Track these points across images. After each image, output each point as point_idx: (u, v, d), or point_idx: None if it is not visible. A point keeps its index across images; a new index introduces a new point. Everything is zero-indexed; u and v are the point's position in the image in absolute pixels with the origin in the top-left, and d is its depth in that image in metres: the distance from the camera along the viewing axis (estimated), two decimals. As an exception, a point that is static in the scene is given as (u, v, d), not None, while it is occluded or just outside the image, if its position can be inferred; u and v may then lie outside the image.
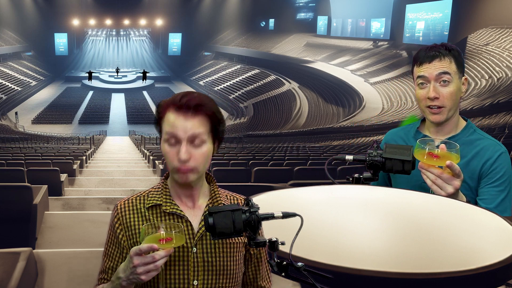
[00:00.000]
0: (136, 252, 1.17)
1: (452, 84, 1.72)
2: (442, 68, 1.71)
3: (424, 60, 1.74)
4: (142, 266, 1.16)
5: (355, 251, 1.22)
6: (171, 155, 1.28)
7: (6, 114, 31.00)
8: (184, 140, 1.26)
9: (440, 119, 1.75)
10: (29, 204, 4.69)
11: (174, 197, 1.36)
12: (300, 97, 31.39)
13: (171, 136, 1.26)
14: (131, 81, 46.68)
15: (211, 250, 1.33)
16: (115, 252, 1.35)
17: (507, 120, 13.57)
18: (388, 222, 1.42)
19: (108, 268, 1.36)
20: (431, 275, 1.07)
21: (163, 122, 1.29)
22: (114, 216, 1.36)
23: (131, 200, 1.37)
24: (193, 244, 1.32)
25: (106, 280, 1.36)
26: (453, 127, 1.81)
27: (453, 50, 1.74)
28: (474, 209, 1.48)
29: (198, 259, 1.32)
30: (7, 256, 3.13)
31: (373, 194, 1.61)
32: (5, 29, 40.66)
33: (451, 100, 1.72)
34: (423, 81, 1.75)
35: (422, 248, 1.21)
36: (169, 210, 1.33)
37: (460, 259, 1.14)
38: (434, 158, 1.54)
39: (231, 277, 1.35)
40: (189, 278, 1.31)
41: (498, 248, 1.18)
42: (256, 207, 1.17)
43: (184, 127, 1.26)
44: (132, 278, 1.19)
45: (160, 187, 1.38)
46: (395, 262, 1.17)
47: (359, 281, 1.07)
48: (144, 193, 1.38)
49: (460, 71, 1.74)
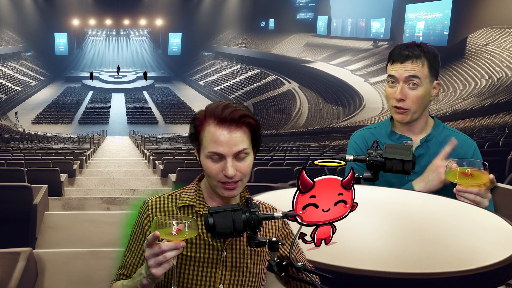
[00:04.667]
0: (146, 244, 1.15)
1: (420, 88, 1.72)
2: (412, 71, 1.71)
3: (397, 59, 1.75)
4: (152, 257, 1.14)
5: (355, 251, 1.22)
6: (215, 171, 1.25)
7: (6, 114, 30.97)
8: (229, 156, 1.23)
9: (403, 120, 1.77)
10: (29, 204, 4.69)
11: (207, 200, 1.34)
12: (300, 97, 31.37)
13: (215, 153, 1.24)
14: (131, 81, 46.64)
15: (241, 256, 1.31)
16: (140, 249, 1.33)
17: (507, 120, 13.56)
18: (388, 222, 1.42)
19: (130, 264, 1.34)
20: (431, 275, 1.07)
21: (202, 137, 1.26)
22: (143, 212, 1.34)
23: (162, 198, 1.35)
24: (223, 248, 1.30)
25: (125, 276, 1.35)
26: (423, 126, 1.83)
27: (428, 53, 1.73)
28: (474, 209, 1.49)
29: (227, 263, 1.30)
30: (7, 256, 3.13)
31: (373, 194, 1.61)
32: (5, 29, 40.62)
33: (416, 103, 1.74)
34: (393, 80, 1.76)
35: (422, 248, 1.21)
36: (202, 212, 1.31)
37: (460, 259, 1.14)
38: (468, 177, 1.54)
39: (256, 282, 1.33)
40: (216, 281, 1.29)
41: (498, 248, 1.19)
42: (256, 207, 1.17)
43: (228, 143, 1.23)
44: (148, 274, 1.16)
45: (193, 188, 1.37)
46: (395, 262, 1.17)
47: (359, 281, 1.08)
48: (176, 192, 1.37)
49: (432, 74, 1.74)
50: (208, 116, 1.26)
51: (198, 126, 1.28)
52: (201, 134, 1.27)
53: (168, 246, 1.13)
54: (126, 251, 1.37)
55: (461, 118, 15.76)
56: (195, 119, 1.29)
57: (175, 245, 1.14)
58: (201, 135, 1.27)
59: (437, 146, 1.79)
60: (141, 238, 1.33)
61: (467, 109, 16.79)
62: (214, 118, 1.25)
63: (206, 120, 1.26)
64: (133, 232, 1.36)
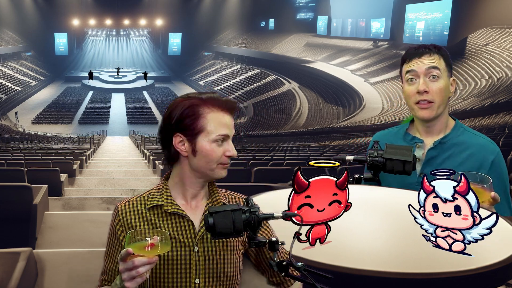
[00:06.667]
0: (120, 258, 1.17)
1: (441, 80, 1.71)
2: (432, 63, 1.70)
3: (414, 56, 1.73)
4: (126, 272, 1.16)
5: (355, 251, 1.22)
6: (219, 153, 1.33)
7: (6, 114, 30.98)
8: (231, 138, 1.36)
9: (429, 115, 1.72)
10: (29, 204, 4.69)
11: (175, 197, 1.37)
12: (300, 97, 31.37)
13: (224, 136, 1.33)
14: (131, 81, 46.66)
15: (213, 249, 1.34)
16: (116, 253, 1.36)
17: (507, 120, 13.56)
18: (388, 222, 1.42)
19: (109, 269, 1.37)
20: (431, 275, 1.07)
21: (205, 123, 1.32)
22: (114, 217, 1.36)
23: (132, 202, 1.37)
24: (195, 243, 1.33)
25: (107, 282, 1.37)
26: (443, 126, 1.78)
27: (441, 49, 1.74)
28: (474, 209, 1.48)
29: (200, 258, 1.33)
30: (7, 256, 3.13)
31: (373, 194, 1.61)
32: (5, 29, 40.63)
33: (440, 95, 1.70)
34: (412, 76, 1.73)
35: (422, 248, 1.21)
36: (170, 210, 1.34)
37: (460, 259, 1.14)
38: None
39: (232, 275, 1.36)
40: (191, 277, 1.32)
41: (498, 248, 1.19)
42: (256, 207, 1.17)
43: (231, 126, 1.35)
44: (122, 286, 1.19)
45: (160, 188, 1.39)
46: (395, 262, 1.17)
47: (359, 281, 1.08)
48: (144, 194, 1.39)
49: (448, 70, 1.73)
50: (205, 103, 1.33)
51: (194, 114, 1.32)
52: (201, 122, 1.31)
53: (141, 261, 1.15)
54: (105, 256, 1.40)
55: (461, 118, 15.71)
56: (185, 108, 1.32)
57: (148, 261, 1.16)
58: (201, 123, 1.31)
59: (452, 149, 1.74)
60: (116, 243, 1.36)
61: (467, 109, 16.79)
62: (215, 105, 1.33)
63: (208, 107, 1.32)
64: (108, 238, 1.39)
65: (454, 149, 1.74)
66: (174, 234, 1.32)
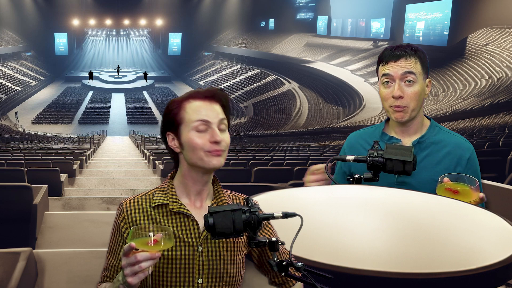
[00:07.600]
0: (123, 253, 1.17)
1: (416, 84, 1.72)
2: (407, 68, 1.72)
3: (390, 59, 1.75)
4: (128, 267, 1.16)
5: (355, 251, 1.22)
6: (202, 141, 1.31)
7: (6, 114, 30.96)
8: (214, 124, 1.32)
9: (403, 118, 1.75)
10: (29, 204, 4.69)
11: (180, 196, 1.38)
12: (300, 97, 31.36)
13: (202, 121, 1.31)
14: (131, 81, 46.64)
15: (216, 249, 1.34)
16: (119, 250, 1.36)
17: (507, 120, 13.56)
18: (388, 222, 1.42)
19: (111, 266, 1.37)
20: (431, 275, 1.07)
21: (183, 116, 1.33)
22: (119, 214, 1.37)
23: (137, 199, 1.38)
24: (199, 243, 1.33)
25: (108, 278, 1.37)
26: (418, 127, 1.81)
27: (418, 51, 1.75)
28: (474, 209, 1.48)
29: (204, 257, 1.33)
30: (7, 256, 3.13)
31: (373, 194, 1.61)
32: (5, 29, 40.61)
33: (415, 100, 1.73)
34: (388, 79, 1.75)
35: (422, 248, 1.21)
36: (175, 210, 1.34)
37: (460, 259, 1.14)
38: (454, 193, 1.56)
39: (234, 276, 1.36)
40: (194, 277, 1.32)
41: (498, 248, 1.19)
42: (256, 207, 1.17)
43: (212, 112, 1.33)
44: (124, 281, 1.18)
45: (165, 186, 1.39)
46: (395, 262, 1.17)
47: (359, 281, 1.08)
48: (150, 192, 1.39)
49: (424, 72, 1.75)
50: (186, 98, 1.35)
51: (175, 108, 1.34)
52: (180, 114, 1.33)
53: (144, 256, 1.15)
54: (107, 252, 1.40)
55: (461, 118, 15.76)
56: (170, 104, 1.36)
57: (151, 256, 1.16)
58: (180, 115, 1.33)
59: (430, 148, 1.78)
60: (120, 239, 1.36)
61: (467, 109, 16.80)
62: (194, 97, 1.35)
63: (186, 100, 1.34)
64: (111, 234, 1.39)
65: (432, 147, 1.78)
66: (178, 233, 1.32)
